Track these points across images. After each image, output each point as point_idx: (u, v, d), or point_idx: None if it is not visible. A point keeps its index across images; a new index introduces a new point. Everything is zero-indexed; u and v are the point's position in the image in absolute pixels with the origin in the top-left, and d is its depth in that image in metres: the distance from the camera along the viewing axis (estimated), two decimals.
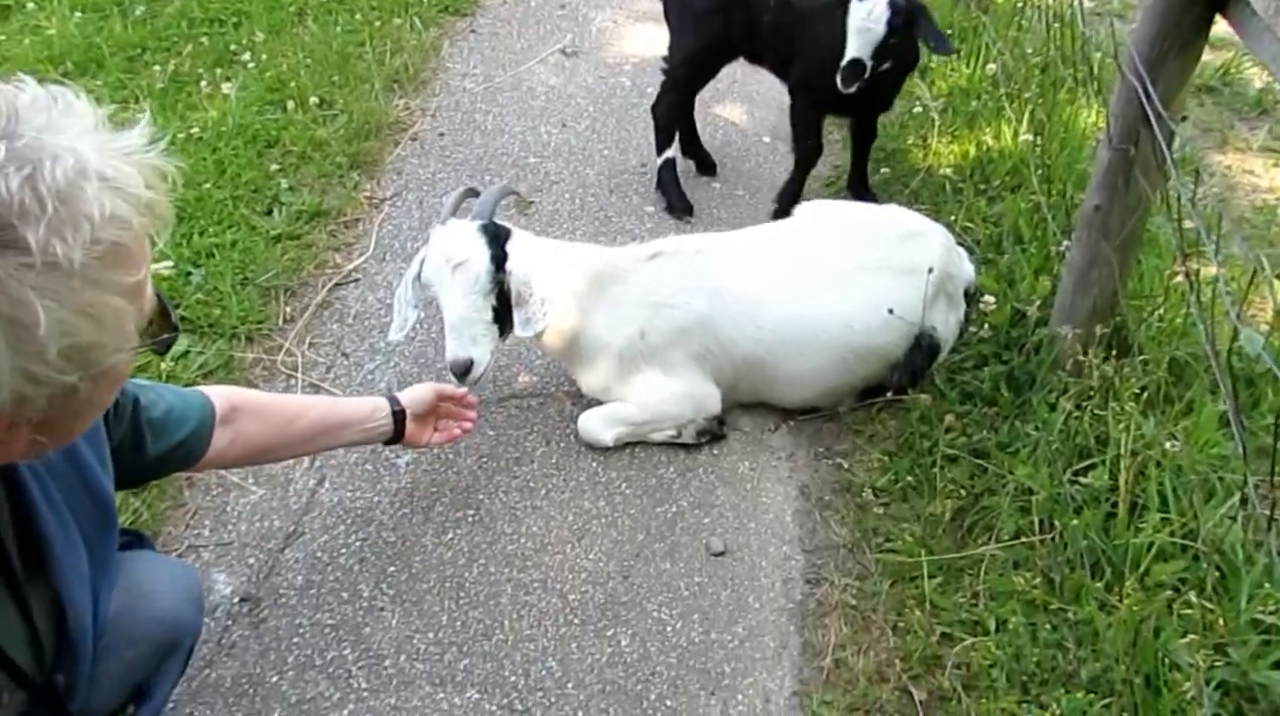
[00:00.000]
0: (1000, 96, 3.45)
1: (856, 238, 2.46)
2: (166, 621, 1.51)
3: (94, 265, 0.83)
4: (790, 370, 2.37)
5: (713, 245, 2.47)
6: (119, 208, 0.85)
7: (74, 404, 0.91)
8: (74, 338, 0.84)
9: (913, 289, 2.35)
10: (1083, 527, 1.93)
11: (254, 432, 1.69)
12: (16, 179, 0.79)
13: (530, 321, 2.21)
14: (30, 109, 0.85)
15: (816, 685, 1.90)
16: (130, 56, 3.87)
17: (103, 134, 0.88)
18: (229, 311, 2.64)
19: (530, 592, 2.05)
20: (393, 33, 4.17)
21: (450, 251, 2.17)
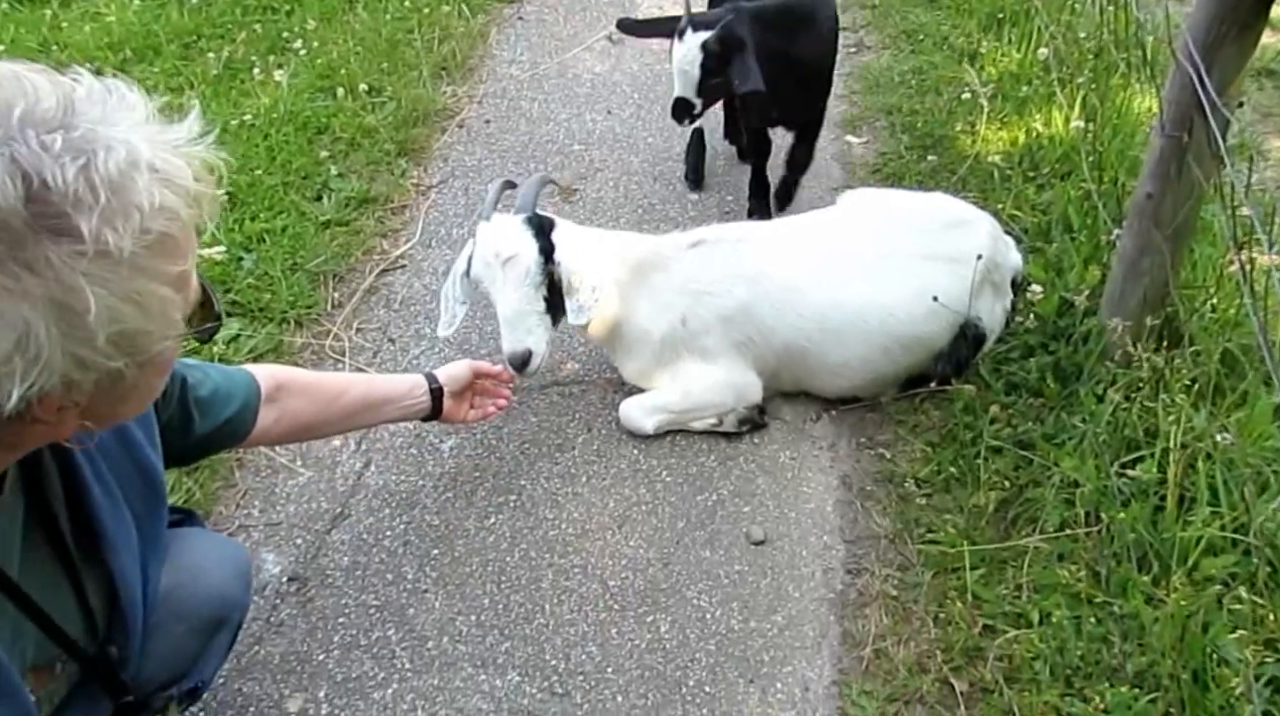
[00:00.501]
0: (1052, 82, 3.39)
1: (900, 226, 2.43)
2: (215, 597, 1.54)
3: (142, 254, 0.85)
4: (832, 359, 2.36)
5: (756, 233, 2.46)
6: (168, 199, 0.87)
7: (120, 389, 0.93)
8: (122, 324, 0.86)
9: (957, 278, 2.32)
10: (1130, 520, 1.91)
11: (298, 410, 1.72)
12: (72, 169, 0.81)
13: (582, 309, 2.24)
14: (86, 101, 0.87)
15: (856, 675, 1.89)
16: (186, 44, 3.94)
17: (154, 126, 0.90)
18: (279, 296, 2.69)
19: (571, 578, 2.07)
20: (441, 20, 4.20)
21: (499, 246, 2.19)
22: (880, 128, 3.62)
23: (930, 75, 3.86)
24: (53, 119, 0.83)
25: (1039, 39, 3.70)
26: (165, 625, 1.44)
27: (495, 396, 2.19)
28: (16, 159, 0.79)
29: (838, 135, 3.60)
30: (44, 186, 0.80)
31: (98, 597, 1.26)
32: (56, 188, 0.80)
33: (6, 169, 0.79)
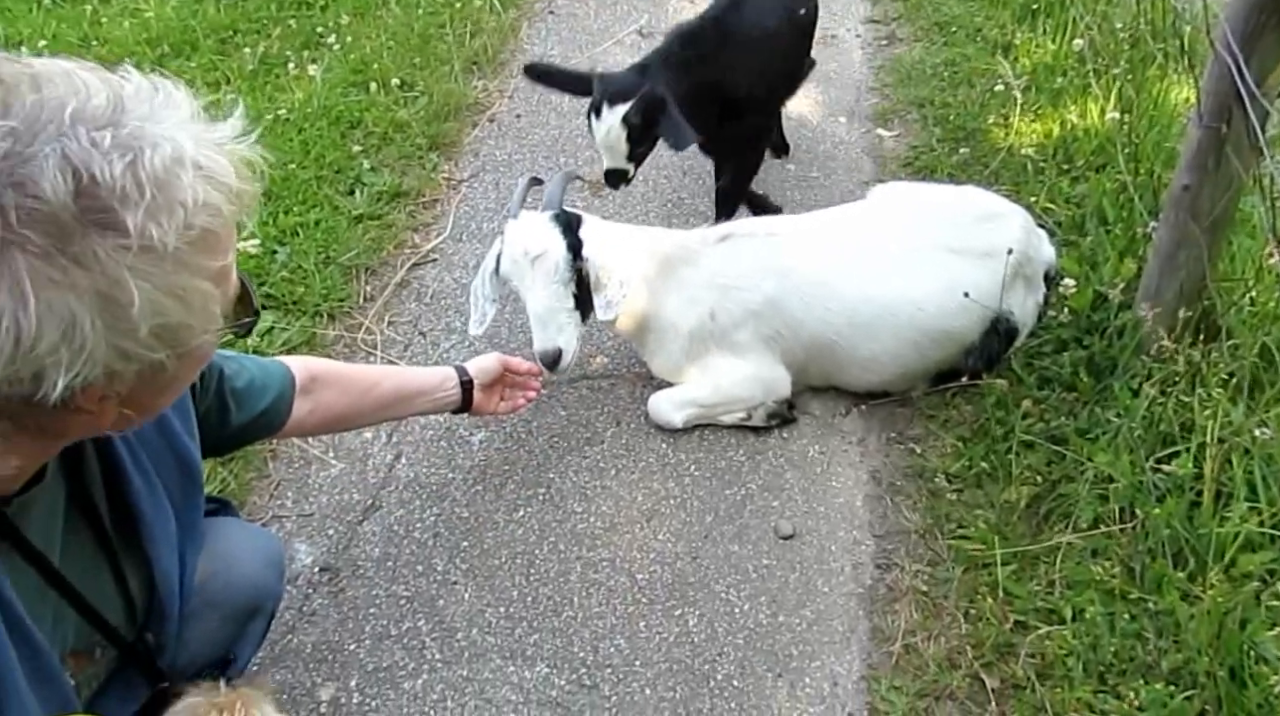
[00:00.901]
0: (1087, 73, 3.35)
1: (931, 219, 2.41)
2: (249, 586, 1.56)
3: (185, 249, 0.87)
4: (861, 353, 2.35)
5: (785, 227, 2.45)
6: (211, 196, 0.88)
7: (160, 380, 0.95)
8: (164, 317, 0.87)
9: (988, 272, 2.30)
10: (1165, 516, 1.88)
11: (331, 401, 1.74)
12: (119, 165, 0.83)
13: (610, 304, 2.24)
14: (134, 99, 0.88)
15: (885, 670, 1.89)
16: (222, 39, 3.99)
17: (199, 124, 0.92)
18: (312, 289, 2.71)
19: (599, 571, 2.08)
20: (473, 14, 4.21)
21: (527, 244, 2.19)
22: (912, 120, 3.60)
23: (963, 67, 3.83)
24: (103, 116, 0.85)
25: (1074, 30, 3.65)
26: (200, 613, 1.46)
27: (525, 388, 2.20)
28: (68, 155, 0.81)
29: (869, 129, 3.58)
30: (93, 181, 0.81)
31: (136, 584, 1.28)
32: (105, 183, 0.82)
33: (58, 164, 0.80)
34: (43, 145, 0.81)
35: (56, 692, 1.10)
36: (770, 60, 2.76)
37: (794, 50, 2.87)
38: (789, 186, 3.28)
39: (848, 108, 3.71)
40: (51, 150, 0.81)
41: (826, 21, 4.33)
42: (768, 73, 2.76)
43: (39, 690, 1.06)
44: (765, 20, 2.71)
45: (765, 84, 2.78)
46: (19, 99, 0.83)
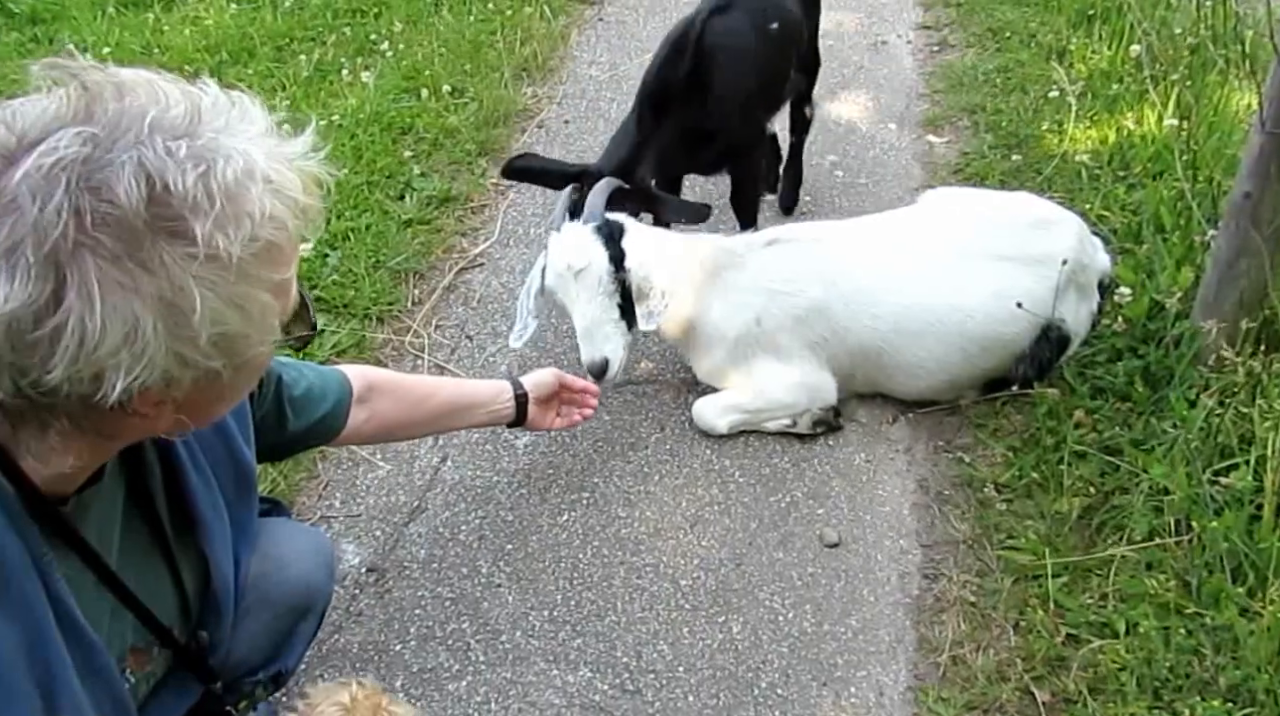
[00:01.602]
0: (1144, 79, 3.29)
1: (982, 225, 2.38)
2: (301, 586, 1.57)
3: (249, 261, 0.88)
4: (908, 360, 2.32)
5: (831, 232, 2.43)
6: (278, 209, 0.89)
7: (216, 388, 0.96)
8: (224, 327, 0.88)
9: (1040, 279, 2.27)
10: (1223, 529, 1.84)
11: (387, 410, 1.75)
12: (192, 175, 0.84)
13: (652, 314, 2.23)
14: (211, 110, 0.90)
15: (933, 681, 1.86)
16: (279, 46, 4.06)
17: (272, 139, 0.93)
18: (362, 293, 2.75)
19: (643, 576, 2.07)
20: (523, 22, 4.25)
21: (569, 258, 2.20)
22: (963, 127, 3.56)
23: (1016, 73, 3.79)
24: (180, 126, 0.86)
25: (1131, 36, 3.60)
26: (253, 611, 1.48)
27: (581, 406, 2.19)
28: (144, 162, 0.82)
29: (919, 135, 3.55)
30: (165, 190, 0.83)
31: (191, 584, 1.30)
32: (177, 192, 0.83)
33: (134, 171, 0.82)
34: (120, 152, 0.82)
35: (106, 688, 1.11)
36: (744, 79, 2.63)
37: (769, 66, 2.73)
38: (836, 193, 3.26)
39: (898, 114, 3.68)
40: (129, 157, 0.82)
41: (877, 27, 4.33)
42: (742, 93, 2.64)
43: (90, 685, 1.07)
44: (736, 40, 2.59)
45: (742, 104, 2.65)
46: (102, 106, 0.85)
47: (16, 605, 0.98)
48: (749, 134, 2.76)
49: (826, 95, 3.79)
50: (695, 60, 2.49)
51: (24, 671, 0.99)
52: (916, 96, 3.81)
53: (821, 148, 3.47)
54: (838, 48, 4.15)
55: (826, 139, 3.52)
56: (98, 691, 1.08)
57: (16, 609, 0.98)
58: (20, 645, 0.99)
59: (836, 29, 4.30)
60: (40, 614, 1.01)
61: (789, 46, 2.82)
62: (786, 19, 2.74)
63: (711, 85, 2.52)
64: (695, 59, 2.49)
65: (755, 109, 2.75)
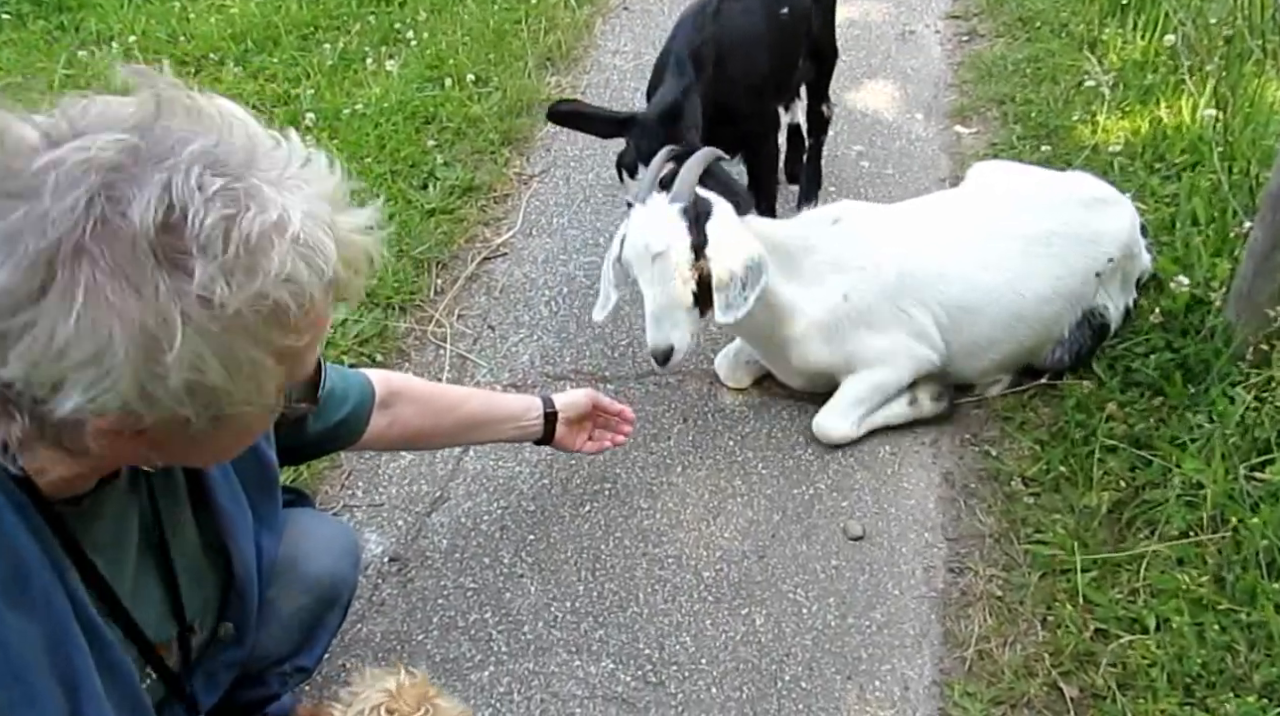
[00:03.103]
0: (1179, 69, 3.23)
1: (1035, 201, 2.35)
2: (326, 576, 1.57)
3: (251, 317, 0.84)
4: (963, 340, 2.27)
5: (892, 208, 2.39)
6: (301, 273, 0.85)
7: (187, 435, 0.92)
8: (202, 375, 0.85)
9: (1091, 259, 2.24)
10: (1261, 525, 1.80)
11: (411, 418, 1.73)
12: (216, 215, 0.81)
13: (731, 307, 2.09)
14: (269, 158, 0.87)
15: (959, 675, 1.84)
16: (304, 34, 4.06)
17: (326, 204, 0.90)
18: (385, 282, 2.74)
19: (665, 567, 2.06)
20: (548, 10, 4.24)
21: (649, 239, 2.07)
22: (991, 118, 3.51)
23: (1047, 63, 3.73)
24: (226, 164, 0.84)
25: (1166, 25, 3.53)
26: (278, 602, 1.48)
27: (615, 431, 2.13)
28: (170, 187, 0.80)
29: (946, 126, 3.51)
30: (182, 220, 0.80)
31: (212, 576, 1.29)
32: (192, 225, 0.80)
33: (156, 193, 0.80)
34: (154, 172, 0.80)
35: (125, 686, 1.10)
36: (754, 63, 2.62)
37: (778, 52, 2.70)
38: (863, 183, 3.23)
39: (925, 104, 3.64)
40: (159, 179, 0.80)
41: (905, 16, 4.28)
42: (753, 76, 2.63)
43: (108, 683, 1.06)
44: (748, 24, 2.60)
45: (751, 88, 2.64)
46: (159, 122, 0.84)
47: (37, 603, 0.97)
48: (761, 120, 2.73)
49: (852, 85, 3.75)
50: (711, 39, 2.48)
51: (47, 670, 0.98)
52: (945, 87, 3.76)
53: (848, 138, 3.44)
54: (865, 37, 4.11)
55: (853, 129, 3.49)
56: (116, 692, 1.08)
57: (38, 607, 0.97)
58: (43, 643, 0.98)
59: (864, 18, 4.26)
60: (60, 610, 1.00)
61: (798, 32, 2.80)
62: (796, 5, 2.72)
63: (724, 66, 2.51)
64: (711, 38, 2.48)
65: (765, 94, 2.72)
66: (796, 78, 2.93)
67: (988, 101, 3.60)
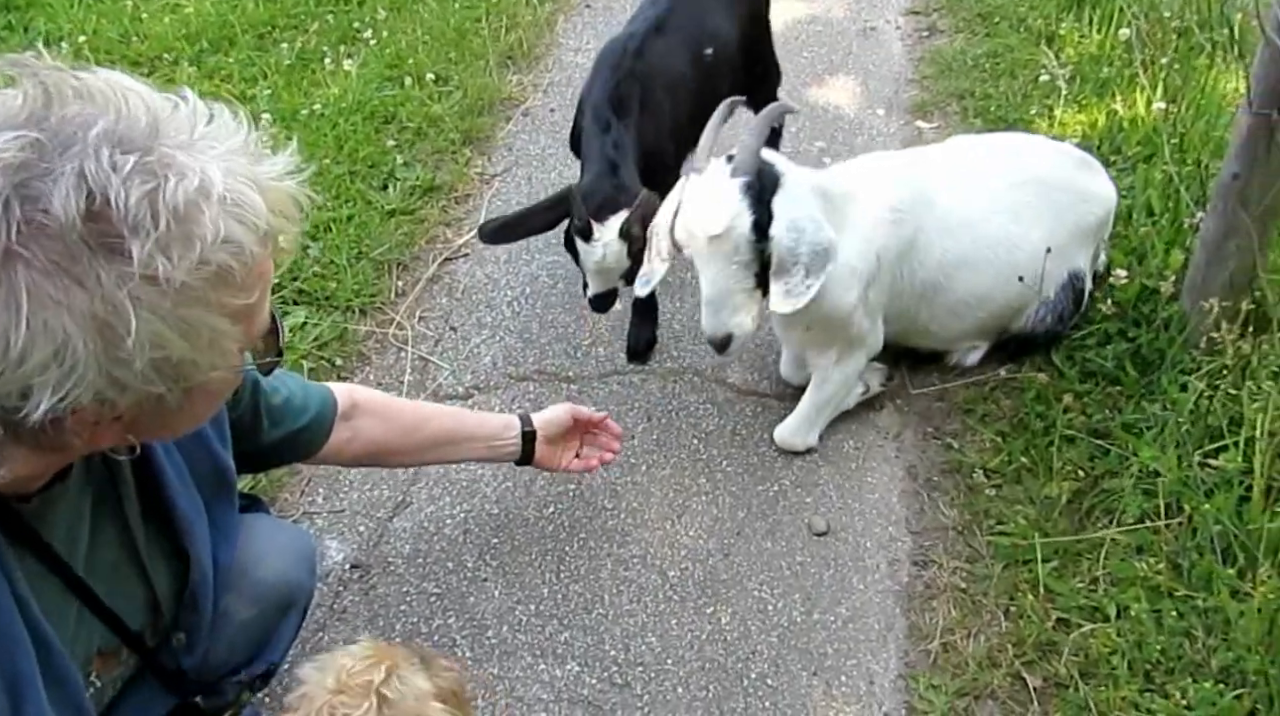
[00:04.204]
0: (1134, 63, 3.27)
1: (1032, 153, 2.38)
2: (281, 583, 1.55)
3: (198, 285, 0.84)
4: (958, 295, 2.24)
5: (917, 158, 2.36)
6: (235, 231, 0.85)
7: (163, 411, 0.92)
8: (165, 351, 0.84)
9: (1081, 217, 2.30)
10: (1214, 512, 1.83)
11: (373, 432, 1.70)
12: (138, 192, 0.80)
13: (791, 294, 1.89)
14: (175, 123, 0.86)
15: (924, 668, 1.85)
16: (260, 34, 4.00)
17: (242, 157, 0.89)
18: (344, 285, 2.71)
19: (630, 568, 2.05)
20: (509, 9, 4.21)
21: (706, 221, 1.87)
22: (952, 113, 3.53)
23: (1005, 58, 3.75)
24: (134, 138, 0.82)
25: (1120, 19, 3.57)
26: (232, 610, 1.46)
27: (604, 447, 2.05)
28: (85, 174, 0.79)
29: (907, 121, 3.52)
30: (106, 204, 0.79)
31: (166, 583, 1.27)
32: (118, 208, 0.79)
33: (73, 183, 0.78)
34: (65, 162, 0.79)
35: (69, 696, 1.08)
36: (678, 107, 2.50)
37: (702, 95, 2.53)
38: None
39: (886, 100, 3.65)
40: (71, 168, 0.79)
41: (866, 13, 4.29)
42: (676, 120, 2.50)
43: (51, 691, 1.04)
44: (672, 67, 2.50)
45: (673, 132, 2.51)
46: (54, 112, 0.82)
47: None
48: (677, 164, 2.56)
49: (814, 81, 3.76)
50: (633, 80, 2.39)
51: None
52: (905, 82, 3.78)
53: (810, 134, 3.45)
54: (826, 34, 4.12)
55: (815, 125, 3.50)
56: (59, 698, 1.06)
57: None
58: None
59: (825, 14, 4.27)
60: (6, 613, 0.99)
61: (723, 75, 2.65)
62: (720, 45, 2.63)
63: (647, 109, 2.40)
64: (633, 80, 2.39)
65: (686, 137, 2.54)
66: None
67: (948, 96, 3.62)
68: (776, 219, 1.87)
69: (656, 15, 2.53)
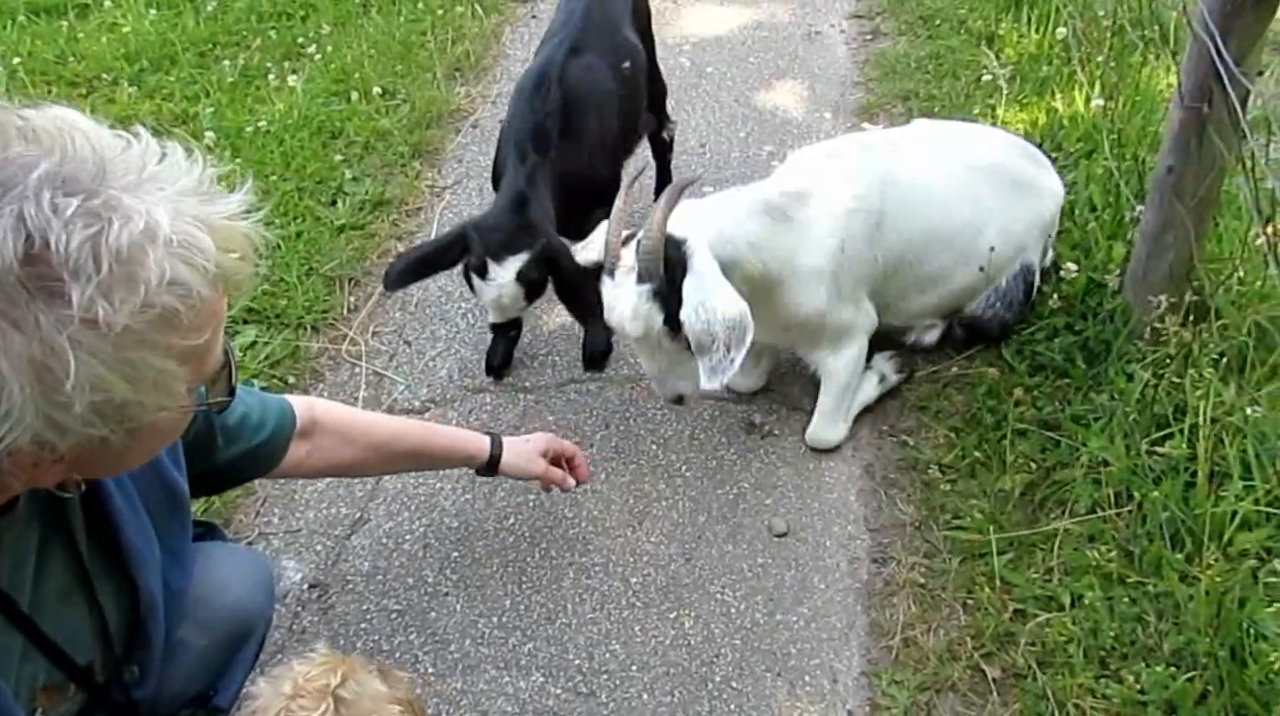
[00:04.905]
0: (1071, 61, 3.34)
1: (991, 144, 2.44)
2: (238, 609, 1.53)
3: (142, 328, 0.83)
4: (926, 272, 2.29)
5: (881, 139, 2.39)
6: (181, 274, 0.84)
7: (108, 452, 0.91)
8: (107, 394, 0.83)
9: (1030, 208, 2.36)
10: (1162, 498, 1.87)
11: (331, 449, 1.67)
12: (80, 236, 0.79)
13: (715, 371, 1.87)
14: (121, 164, 0.85)
15: (886, 664, 1.86)
16: (202, 52, 3.96)
17: (192, 198, 0.87)
18: (294, 302, 2.69)
19: (592, 576, 2.05)
20: (455, 21, 4.20)
21: (624, 325, 1.94)
22: (897, 114, 3.58)
23: (948, 60, 3.82)
24: (78, 181, 0.81)
25: (1057, 19, 3.64)
26: (188, 640, 1.43)
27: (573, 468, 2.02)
28: (24, 217, 0.78)
29: (854, 123, 3.56)
30: (45, 248, 0.78)
31: (116, 615, 1.25)
32: (58, 252, 0.78)
33: (11, 226, 0.77)
34: (4, 205, 0.78)
35: None
36: (608, 123, 2.51)
37: (627, 107, 2.59)
38: None
39: (833, 103, 3.69)
40: (10, 211, 0.77)
41: (811, 17, 4.34)
42: (608, 136, 2.50)
43: None
44: (596, 83, 2.49)
45: (606, 149, 2.52)
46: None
47: None
48: (613, 182, 2.53)
49: (761, 85, 3.80)
50: (560, 104, 2.35)
51: None
52: (851, 85, 3.82)
53: (758, 138, 3.48)
54: (772, 39, 4.16)
55: (763, 129, 3.53)
56: None
57: None
58: None
59: (770, 20, 4.32)
60: None
61: (640, 86, 2.69)
62: (636, 58, 2.63)
63: (577, 131, 2.39)
64: (560, 103, 2.36)
65: (618, 155, 2.60)
66: (641, 129, 2.84)
67: (893, 98, 3.67)
68: (685, 303, 1.87)
69: (570, 36, 2.50)
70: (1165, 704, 1.64)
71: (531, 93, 2.38)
